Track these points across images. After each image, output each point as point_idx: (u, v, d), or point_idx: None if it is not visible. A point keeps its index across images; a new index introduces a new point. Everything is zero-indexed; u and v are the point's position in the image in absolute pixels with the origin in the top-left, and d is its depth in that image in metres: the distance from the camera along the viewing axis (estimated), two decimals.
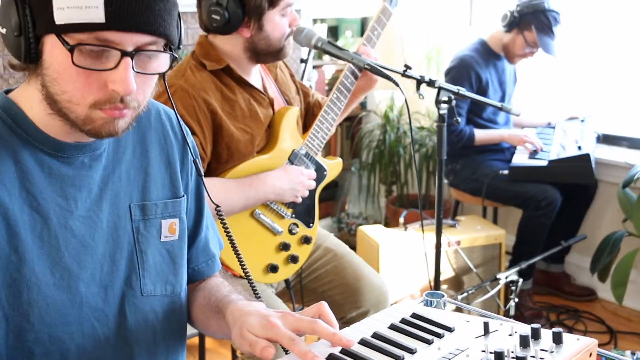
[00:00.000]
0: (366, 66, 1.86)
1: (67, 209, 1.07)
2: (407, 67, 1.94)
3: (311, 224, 2.03)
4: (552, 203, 3.01)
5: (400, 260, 2.78)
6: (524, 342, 0.98)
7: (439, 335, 1.03)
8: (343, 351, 0.98)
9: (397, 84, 1.81)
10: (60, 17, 0.91)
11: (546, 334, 1.01)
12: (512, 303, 2.67)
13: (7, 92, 1.08)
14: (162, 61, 1.02)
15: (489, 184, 3.09)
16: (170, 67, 1.05)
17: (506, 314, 2.71)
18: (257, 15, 1.79)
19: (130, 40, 0.94)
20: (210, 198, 1.27)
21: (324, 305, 1.04)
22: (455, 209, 3.52)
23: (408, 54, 3.92)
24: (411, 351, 0.98)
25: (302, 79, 2.90)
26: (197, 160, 1.23)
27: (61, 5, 0.90)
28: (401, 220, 2.97)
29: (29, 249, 1.03)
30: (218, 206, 1.26)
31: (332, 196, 4.22)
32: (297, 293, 2.12)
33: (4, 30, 0.97)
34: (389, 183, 3.97)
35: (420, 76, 1.96)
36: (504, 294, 2.93)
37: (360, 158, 4.08)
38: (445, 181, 3.53)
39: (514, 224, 3.21)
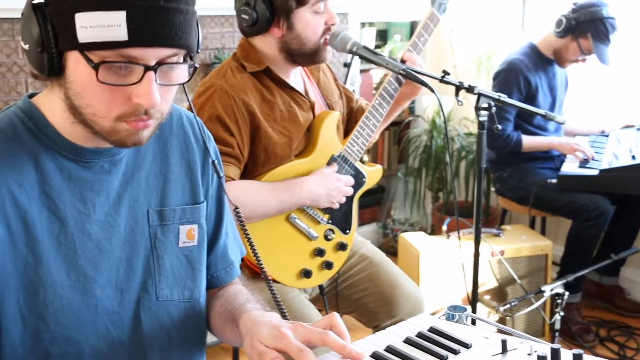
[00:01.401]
0: (401, 72, 1.83)
1: (85, 212, 1.09)
2: (446, 72, 1.90)
3: (348, 231, 2.01)
4: (603, 214, 2.90)
5: (441, 269, 2.73)
6: None
7: (455, 352, 1.00)
8: None
9: (433, 90, 1.77)
10: (84, 35, 0.92)
11: (566, 355, 0.96)
12: (557, 317, 2.58)
13: (31, 96, 1.10)
14: (183, 71, 1.03)
15: (537, 192, 3.00)
16: (191, 76, 1.06)
17: (552, 327, 2.63)
18: (286, 14, 1.77)
19: (153, 54, 0.96)
20: (228, 199, 1.27)
21: (335, 317, 1.02)
22: (503, 217, 3.44)
23: (458, 58, 3.86)
24: None
25: (345, 83, 2.88)
26: (215, 162, 1.23)
27: (84, 24, 0.91)
28: (444, 228, 2.92)
29: (46, 251, 1.05)
30: (237, 207, 1.25)
31: (378, 201, 4.18)
32: (331, 299, 2.10)
33: (26, 46, 0.98)
34: (436, 189, 3.91)
35: (459, 82, 1.91)
36: (550, 307, 2.84)
37: (406, 163, 4.03)
38: (492, 189, 3.46)
39: (564, 235, 3.11)
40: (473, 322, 1.42)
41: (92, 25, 0.91)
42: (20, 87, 2.57)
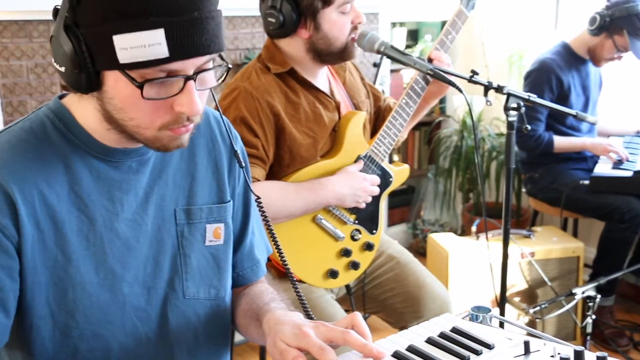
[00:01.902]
0: (429, 71, 1.82)
1: (113, 211, 1.10)
2: (474, 72, 1.89)
3: (374, 231, 2.01)
4: (637, 216, 2.84)
5: (470, 270, 2.71)
6: None
7: (477, 352, 1.00)
8: None
9: (460, 90, 1.76)
10: (125, 56, 0.93)
11: (590, 358, 0.95)
12: (589, 320, 2.55)
13: (61, 97, 1.12)
14: (218, 72, 1.05)
15: (569, 194, 2.96)
16: (226, 77, 1.07)
17: (583, 331, 2.59)
18: (312, 15, 1.77)
19: (192, 64, 0.97)
20: (251, 189, 1.27)
21: (357, 316, 1.03)
22: (534, 219, 3.40)
23: (489, 58, 3.82)
24: None
25: (374, 83, 2.88)
26: (238, 152, 1.24)
27: (124, 46, 0.92)
28: (473, 228, 2.90)
29: (75, 249, 1.07)
30: (258, 197, 1.26)
31: (408, 202, 4.17)
32: (358, 300, 2.10)
33: (62, 69, 1.00)
34: (466, 190, 3.89)
35: (488, 82, 1.90)
36: (582, 310, 2.80)
37: (437, 164, 4.01)
38: (523, 190, 3.42)
39: (597, 237, 3.06)
40: (501, 324, 1.41)
41: (132, 46, 0.92)
42: (55, 88, 2.63)
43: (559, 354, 0.97)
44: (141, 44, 0.92)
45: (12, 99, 2.57)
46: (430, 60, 1.95)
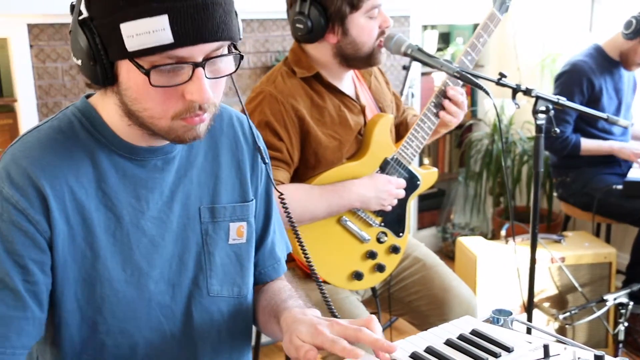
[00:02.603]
0: (455, 74, 1.82)
1: (139, 209, 1.13)
2: (502, 75, 1.87)
3: (401, 234, 2.00)
4: None
5: (499, 275, 2.69)
6: None
7: (495, 355, 1.00)
8: None
9: (487, 93, 1.75)
10: (132, 44, 0.94)
11: None
12: (621, 327, 2.50)
13: (88, 96, 1.15)
14: (229, 61, 1.05)
15: (601, 198, 2.91)
16: (238, 64, 1.07)
17: (615, 338, 2.55)
18: (340, 20, 1.78)
19: (199, 51, 0.97)
20: (274, 186, 1.29)
21: (372, 319, 1.04)
22: (565, 223, 3.35)
23: (521, 61, 3.79)
24: None
25: (403, 86, 2.88)
26: (261, 148, 1.25)
27: (130, 33, 0.94)
28: (502, 233, 2.87)
29: (102, 246, 1.09)
30: (282, 194, 1.27)
31: (438, 205, 4.15)
32: (384, 302, 2.10)
33: (79, 61, 1.02)
34: (497, 194, 3.85)
35: (517, 85, 1.89)
36: (614, 317, 2.75)
37: (467, 167, 3.99)
38: (554, 194, 3.38)
39: (630, 243, 3.01)
40: (528, 330, 1.40)
41: (138, 33, 0.93)
42: (90, 91, 2.69)
43: (579, 358, 0.96)
44: (146, 31, 0.93)
45: (47, 100, 2.63)
46: (445, 96, 1.94)
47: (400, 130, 2.15)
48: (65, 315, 1.10)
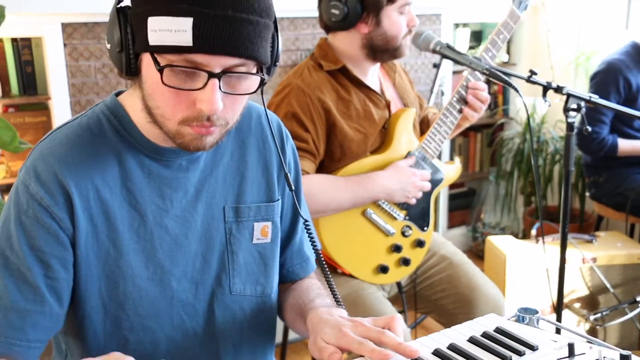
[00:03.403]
0: (485, 70, 1.80)
1: (164, 208, 1.13)
2: (532, 72, 1.85)
3: (425, 228, 2.00)
4: None
5: (528, 274, 2.66)
6: None
7: (519, 353, 0.98)
8: None
9: (517, 90, 1.73)
10: (154, 38, 0.95)
11: None
12: None
13: (118, 94, 1.16)
14: (253, 82, 1.03)
15: (635, 198, 2.86)
16: (260, 88, 1.05)
17: None
18: (376, 11, 1.81)
19: (217, 62, 0.96)
20: (300, 215, 1.27)
21: (395, 319, 1.03)
22: (598, 223, 3.30)
23: (555, 59, 3.74)
24: None
25: (434, 84, 2.86)
26: (288, 175, 1.22)
27: (154, 27, 0.95)
28: (533, 232, 2.84)
29: (126, 243, 1.11)
30: (307, 221, 1.25)
31: (468, 204, 4.11)
32: (410, 299, 2.10)
33: (109, 46, 1.03)
34: (528, 193, 3.81)
35: (547, 82, 1.86)
36: None
37: (498, 166, 3.95)
38: (587, 194, 3.33)
39: None
40: (558, 330, 1.38)
41: (161, 29, 0.94)
42: (121, 87, 2.73)
43: (604, 357, 0.95)
44: (168, 28, 0.93)
45: (80, 98, 2.68)
46: (467, 87, 1.95)
47: (422, 127, 2.16)
48: (89, 311, 1.11)
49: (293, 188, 1.22)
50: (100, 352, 1.13)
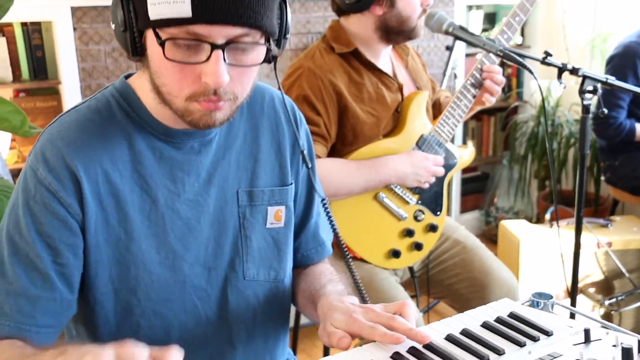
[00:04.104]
0: (498, 52, 1.77)
1: (175, 192, 1.11)
2: (547, 53, 1.81)
3: (438, 212, 1.98)
4: None
5: (542, 259, 2.63)
6: (627, 355, 0.89)
7: (534, 339, 0.97)
8: (425, 346, 0.95)
9: (531, 72, 1.70)
10: (153, 12, 0.93)
11: None
12: None
13: (128, 77, 1.14)
14: (259, 53, 1.00)
15: None
16: (268, 59, 1.03)
17: None
18: None
19: (220, 33, 0.93)
20: (317, 192, 1.25)
21: (406, 305, 1.01)
22: (613, 208, 3.26)
23: (570, 41, 3.68)
24: (498, 352, 0.93)
25: (447, 66, 2.83)
26: (304, 152, 1.21)
27: (153, 1, 0.93)
28: (547, 216, 2.81)
29: (137, 228, 1.09)
30: (324, 199, 1.23)
31: (482, 188, 4.08)
32: (422, 284, 2.08)
33: (113, 26, 1.01)
34: (542, 177, 3.77)
35: (562, 64, 1.82)
36: None
37: (512, 150, 3.90)
38: (602, 178, 3.29)
39: None
40: (572, 315, 1.36)
41: (160, 2, 0.92)
42: (131, 71, 2.72)
43: (622, 343, 0.93)
44: (166, 0, 0.91)
45: (90, 83, 2.67)
46: (482, 70, 1.92)
47: (434, 111, 2.13)
48: (100, 297, 1.10)
49: (310, 165, 1.20)
50: (112, 338, 1.11)
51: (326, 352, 2.27)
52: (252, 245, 1.19)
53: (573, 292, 2.01)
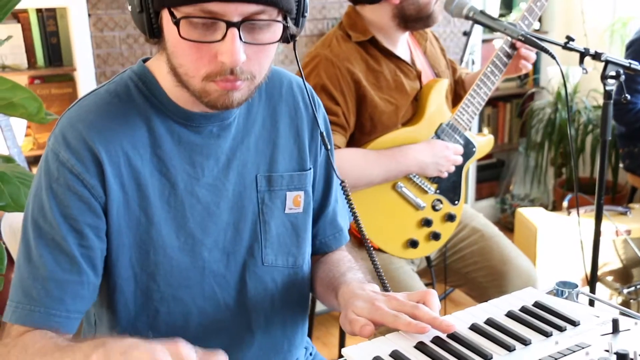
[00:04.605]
0: (520, 37, 1.74)
1: (194, 176, 1.10)
2: (570, 38, 1.78)
3: (456, 202, 1.96)
4: None
5: (560, 247, 2.61)
6: None
7: (560, 329, 0.95)
8: (450, 335, 0.94)
9: (554, 57, 1.67)
10: None
11: None
12: None
13: (145, 60, 1.13)
14: (276, 31, 0.99)
15: None
16: (286, 38, 1.01)
17: None
18: None
19: (235, 10, 0.92)
20: (336, 174, 1.23)
21: (429, 293, 1.00)
22: (632, 195, 3.22)
23: (589, 26, 3.62)
24: (525, 342, 0.91)
25: (464, 52, 2.80)
26: (323, 133, 1.20)
27: None
28: (565, 204, 2.78)
29: (157, 212, 1.08)
30: (343, 182, 1.22)
31: (497, 176, 4.05)
32: (439, 273, 2.07)
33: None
34: (559, 165, 3.73)
35: (585, 48, 1.79)
36: None
37: (528, 137, 3.87)
38: (620, 165, 3.25)
39: None
40: (591, 302, 1.35)
41: None
42: (147, 56, 2.70)
43: None
44: None
45: (105, 69, 2.66)
46: (514, 47, 1.88)
47: (457, 89, 2.09)
48: (120, 281, 1.09)
49: (329, 147, 1.19)
50: (131, 323, 1.12)
51: (342, 339, 2.26)
52: (271, 231, 1.18)
53: (592, 281, 1.98)
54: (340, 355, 0.92)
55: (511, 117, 3.97)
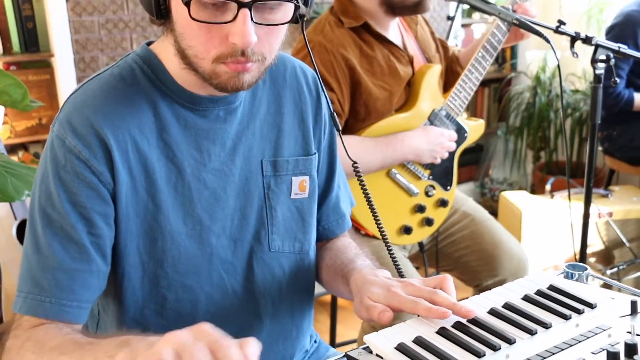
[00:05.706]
0: (514, 21, 1.74)
1: (201, 161, 1.08)
2: (561, 22, 1.79)
3: (449, 187, 1.96)
4: None
5: (545, 230, 2.63)
6: None
7: (578, 311, 0.95)
8: (471, 320, 0.93)
9: (548, 41, 1.68)
10: None
11: None
12: None
13: (149, 44, 1.10)
14: (287, 11, 0.97)
15: None
16: (296, 19, 0.99)
17: None
18: None
19: None
20: (348, 155, 1.22)
21: (447, 279, 0.99)
22: (610, 178, 3.27)
23: (566, 11, 3.65)
24: (546, 325, 0.91)
25: (447, 37, 2.79)
26: (334, 114, 1.18)
27: None
28: (548, 187, 2.81)
29: (164, 198, 1.05)
30: (355, 163, 1.21)
31: (476, 160, 4.08)
32: (431, 257, 2.07)
33: None
34: (537, 148, 3.77)
35: (576, 32, 1.80)
36: None
37: (507, 121, 3.90)
38: (599, 148, 3.29)
39: None
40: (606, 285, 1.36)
41: None
42: (125, 43, 2.64)
43: None
44: None
45: (84, 55, 2.60)
46: (514, 11, 1.87)
47: (453, 66, 2.09)
48: (128, 269, 1.07)
49: (339, 128, 1.17)
50: (138, 312, 1.10)
51: (333, 327, 2.25)
52: (277, 216, 1.16)
53: (582, 262, 2.00)
54: (333, 343, 0.91)
55: (489, 101, 4.00)
